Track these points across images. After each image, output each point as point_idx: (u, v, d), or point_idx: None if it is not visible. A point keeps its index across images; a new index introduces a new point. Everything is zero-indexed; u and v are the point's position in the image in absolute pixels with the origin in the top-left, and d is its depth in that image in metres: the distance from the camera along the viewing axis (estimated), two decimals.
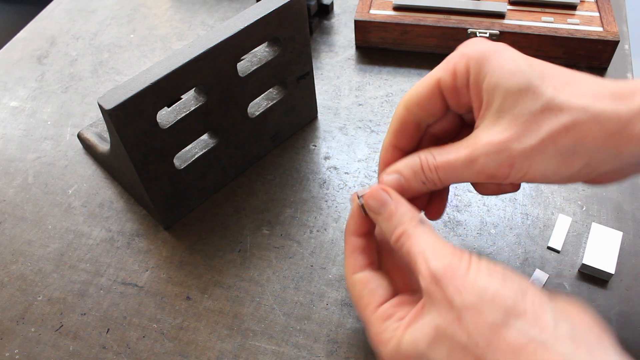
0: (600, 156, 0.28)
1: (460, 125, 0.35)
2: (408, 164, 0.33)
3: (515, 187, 0.34)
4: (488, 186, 0.34)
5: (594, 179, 0.31)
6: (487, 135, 0.30)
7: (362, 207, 0.33)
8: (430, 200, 0.36)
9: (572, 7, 0.58)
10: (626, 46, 0.58)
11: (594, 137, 0.28)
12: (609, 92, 0.28)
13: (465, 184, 0.44)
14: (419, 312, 0.29)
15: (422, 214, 0.32)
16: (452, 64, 0.31)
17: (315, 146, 0.51)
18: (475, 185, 0.35)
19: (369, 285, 0.32)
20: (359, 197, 0.33)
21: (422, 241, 0.30)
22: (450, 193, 0.46)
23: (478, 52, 0.30)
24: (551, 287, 0.40)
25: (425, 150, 0.33)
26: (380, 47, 0.60)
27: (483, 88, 0.30)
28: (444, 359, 0.27)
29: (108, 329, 0.40)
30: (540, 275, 0.41)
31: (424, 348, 0.27)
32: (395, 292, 0.32)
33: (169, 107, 0.42)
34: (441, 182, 0.32)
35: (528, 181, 0.30)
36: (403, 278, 0.34)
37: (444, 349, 0.27)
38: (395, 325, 0.30)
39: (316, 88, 0.56)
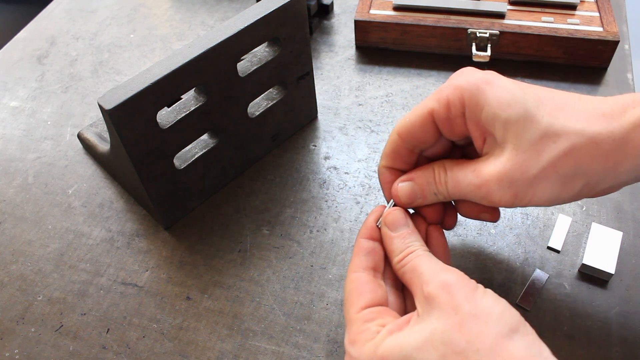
0: (598, 176, 0.30)
1: (451, 148, 0.37)
2: (423, 174, 0.34)
3: (494, 218, 0.36)
4: (468, 211, 0.36)
5: (592, 195, 0.32)
6: (492, 166, 0.31)
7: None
8: (444, 213, 0.38)
9: (572, 7, 0.58)
10: (626, 46, 0.58)
11: (592, 158, 0.29)
12: (601, 112, 0.29)
13: None
14: (404, 324, 0.29)
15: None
16: (444, 96, 0.32)
17: (315, 146, 0.51)
18: (457, 206, 0.37)
19: (361, 286, 0.33)
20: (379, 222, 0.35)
21: (434, 261, 0.31)
22: None
23: (471, 83, 0.31)
24: (551, 287, 0.40)
25: (440, 163, 0.34)
26: (380, 47, 0.60)
27: (482, 119, 0.31)
28: None
29: (108, 329, 0.40)
30: (540, 275, 0.41)
31: (410, 351, 0.27)
32: (383, 302, 0.33)
33: (169, 107, 0.42)
34: (450, 196, 0.34)
35: (532, 205, 0.32)
36: (396, 298, 0.34)
37: (435, 353, 0.27)
38: (376, 329, 0.30)
39: (316, 88, 0.56)
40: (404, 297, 0.34)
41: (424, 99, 0.34)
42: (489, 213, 0.36)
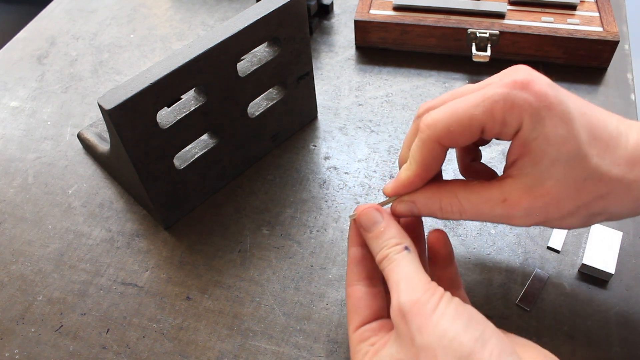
0: (620, 214, 0.31)
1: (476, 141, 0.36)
2: (427, 203, 0.33)
3: None
4: None
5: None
6: (528, 198, 0.30)
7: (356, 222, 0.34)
8: None
9: (572, 7, 0.58)
10: (626, 46, 0.58)
11: (621, 202, 0.30)
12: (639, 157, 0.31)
13: None
14: (386, 342, 0.30)
15: (409, 242, 0.32)
16: (501, 113, 0.29)
17: (315, 146, 0.51)
18: None
19: (356, 302, 0.33)
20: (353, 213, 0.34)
21: (401, 270, 0.30)
22: None
23: (533, 107, 0.29)
24: (551, 287, 0.40)
25: (449, 193, 0.32)
26: (380, 47, 0.60)
27: (532, 147, 0.29)
28: None
29: (108, 329, 0.40)
30: (541, 275, 0.41)
31: None
32: (381, 313, 0.33)
33: (169, 107, 0.42)
34: (460, 219, 0.33)
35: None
36: None
37: None
38: (366, 349, 0.30)
39: (316, 88, 0.56)
40: None
41: (467, 103, 0.30)
42: None
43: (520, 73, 0.30)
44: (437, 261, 0.34)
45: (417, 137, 0.32)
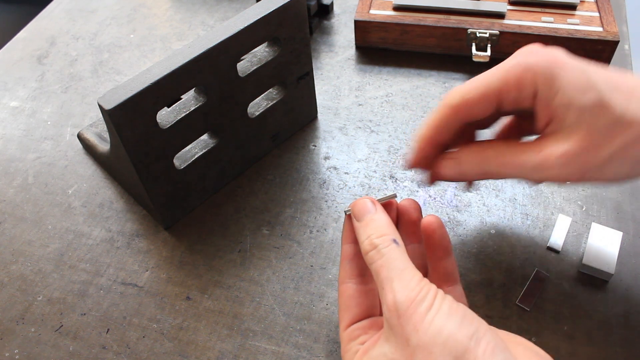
0: None
1: (497, 115, 0.37)
2: (471, 157, 0.35)
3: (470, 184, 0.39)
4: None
5: None
6: (562, 147, 0.31)
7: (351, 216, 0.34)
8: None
9: (572, 7, 0.58)
10: (626, 46, 0.58)
11: None
12: None
13: (461, 183, 0.45)
14: (376, 340, 0.30)
15: (398, 235, 0.32)
16: (515, 78, 0.32)
17: (315, 146, 0.51)
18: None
19: (347, 300, 0.33)
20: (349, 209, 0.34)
21: (392, 266, 0.29)
22: (449, 194, 0.46)
23: (544, 66, 0.31)
24: (551, 287, 0.40)
25: (490, 146, 0.35)
26: (380, 47, 0.60)
27: (554, 104, 0.31)
28: None
29: (108, 329, 0.40)
30: (541, 275, 0.41)
31: None
32: (371, 311, 0.33)
33: (169, 107, 0.42)
34: (498, 176, 0.34)
35: (592, 183, 0.33)
36: None
37: None
38: (356, 348, 0.31)
39: (316, 88, 0.56)
40: None
41: (483, 75, 0.33)
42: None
43: (531, 46, 0.32)
44: (433, 249, 0.34)
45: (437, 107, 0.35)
